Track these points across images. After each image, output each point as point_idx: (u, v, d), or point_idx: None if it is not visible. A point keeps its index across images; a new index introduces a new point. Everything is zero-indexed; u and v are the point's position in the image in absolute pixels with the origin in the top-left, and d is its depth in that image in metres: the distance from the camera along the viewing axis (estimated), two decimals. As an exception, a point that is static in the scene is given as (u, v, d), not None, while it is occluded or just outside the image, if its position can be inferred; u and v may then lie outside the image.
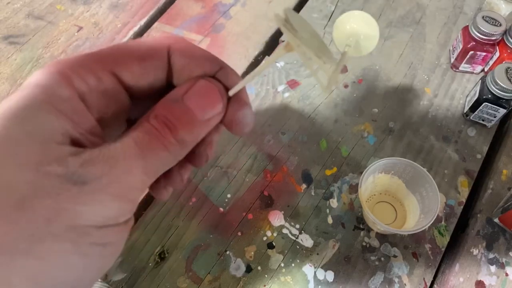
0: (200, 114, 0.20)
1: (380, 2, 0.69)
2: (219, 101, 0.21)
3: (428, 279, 0.47)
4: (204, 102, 0.20)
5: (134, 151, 0.19)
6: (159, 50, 0.21)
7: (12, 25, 0.67)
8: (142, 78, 0.21)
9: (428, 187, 0.45)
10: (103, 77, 0.20)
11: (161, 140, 0.19)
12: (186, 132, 0.20)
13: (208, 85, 0.21)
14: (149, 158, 0.19)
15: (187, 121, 0.20)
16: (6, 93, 0.60)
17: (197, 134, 0.20)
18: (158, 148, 0.19)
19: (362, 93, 0.60)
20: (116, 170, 0.18)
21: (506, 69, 0.50)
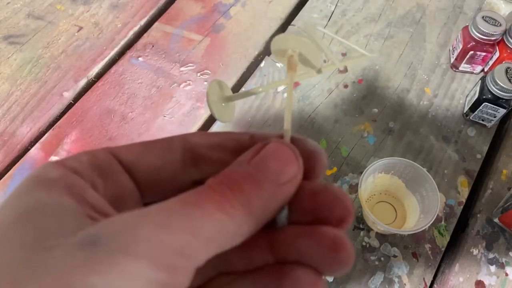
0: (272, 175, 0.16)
1: (380, 2, 0.69)
2: (293, 161, 0.17)
3: (428, 279, 0.47)
4: (276, 164, 0.17)
5: (174, 207, 0.14)
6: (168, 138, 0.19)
7: (12, 25, 0.67)
8: (142, 157, 0.18)
9: (428, 187, 0.45)
10: (97, 153, 0.17)
11: (217, 199, 0.15)
12: (253, 193, 0.16)
13: (279, 146, 0.17)
14: (197, 218, 0.14)
15: (254, 182, 0.16)
16: (6, 93, 0.60)
17: (267, 200, 0.16)
18: (212, 208, 0.15)
19: (362, 93, 0.60)
20: (143, 226, 0.13)
21: (506, 69, 0.50)
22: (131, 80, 0.61)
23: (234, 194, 0.15)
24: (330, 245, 0.16)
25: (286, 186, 0.17)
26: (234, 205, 0.15)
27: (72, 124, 0.57)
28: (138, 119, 0.58)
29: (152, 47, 0.64)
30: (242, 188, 0.16)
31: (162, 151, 0.18)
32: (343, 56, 0.63)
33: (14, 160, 0.55)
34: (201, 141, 0.19)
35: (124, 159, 0.18)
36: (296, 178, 0.17)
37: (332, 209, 0.17)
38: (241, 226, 0.15)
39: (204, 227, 0.14)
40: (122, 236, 0.13)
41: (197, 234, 0.14)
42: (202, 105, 0.59)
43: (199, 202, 0.15)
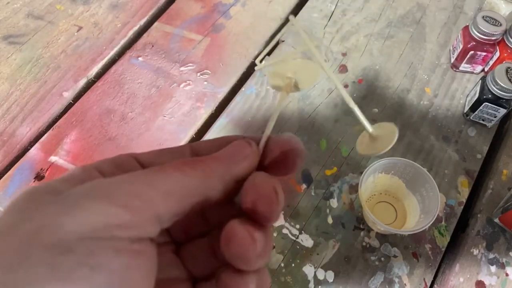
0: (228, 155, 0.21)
1: (380, 1, 0.69)
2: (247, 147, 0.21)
3: (428, 279, 0.47)
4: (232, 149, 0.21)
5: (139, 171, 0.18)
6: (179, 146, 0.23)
7: (12, 25, 0.67)
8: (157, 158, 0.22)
9: (428, 187, 0.45)
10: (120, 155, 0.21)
11: (179, 165, 0.19)
12: (211, 164, 0.20)
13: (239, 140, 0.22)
14: (156, 174, 0.18)
15: (214, 157, 0.20)
16: (6, 93, 0.60)
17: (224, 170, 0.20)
18: (172, 169, 0.18)
19: (362, 93, 0.60)
20: (109, 181, 0.17)
21: (506, 69, 0.50)
22: (131, 80, 0.61)
23: (195, 162, 0.19)
24: (223, 240, 0.18)
25: (240, 162, 0.20)
26: (192, 167, 0.19)
27: (72, 124, 0.57)
28: (138, 119, 0.58)
29: (152, 47, 0.64)
30: (203, 160, 0.20)
31: (174, 153, 0.22)
32: (343, 56, 0.63)
33: (14, 160, 0.55)
34: (203, 147, 0.23)
35: (142, 160, 0.21)
36: (248, 159, 0.21)
37: (256, 204, 0.19)
38: (199, 185, 0.19)
39: (161, 181, 0.18)
40: (89, 188, 0.16)
41: (154, 185, 0.17)
42: (202, 105, 0.59)
43: (162, 167, 0.18)
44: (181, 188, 0.18)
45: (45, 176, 0.53)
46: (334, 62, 0.62)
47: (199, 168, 0.19)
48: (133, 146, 0.56)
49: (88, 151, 0.55)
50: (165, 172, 0.18)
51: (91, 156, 0.55)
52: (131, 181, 0.17)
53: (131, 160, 0.21)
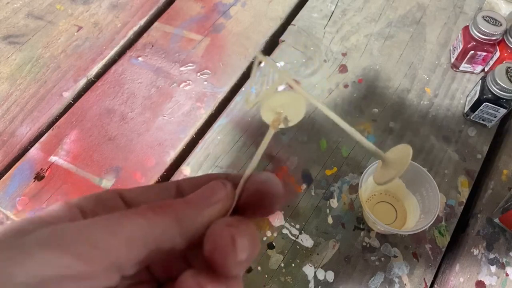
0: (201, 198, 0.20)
1: (380, 1, 0.69)
2: (221, 189, 0.21)
3: (429, 279, 0.47)
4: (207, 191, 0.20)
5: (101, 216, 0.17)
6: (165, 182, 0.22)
7: (12, 25, 0.67)
8: (142, 195, 0.21)
9: (428, 187, 0.45)
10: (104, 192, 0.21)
11: (143, 210, 0.18)
12: (180, 209, 0.19)
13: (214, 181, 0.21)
14: (118, 221, 0.17)
15: (185, 201, 0.19)
16: (6, 93, 0.60)
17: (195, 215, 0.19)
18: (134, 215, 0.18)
19: (362, 93, 0.60)
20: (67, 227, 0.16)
21: (506, 69, 0.50)
22: (131, 80, 0.61)
23: (162, 207, 0.18)
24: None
25: (213, 206, 0.20)
26: (158, 213, 0.18)
27: (72, 124, 0.57)
28: (137, 119, 0.58)
29: (152, 47, 0.64)
30: (172, 205, 0.19)
31: (158, 189, 0.22)
32: (343, 56, 0.63)
33: (14, 160, 0.55)
34: (187, 184, 0.22)
35: (126, 196, 0.21)
36: (221, 203, 0.20)
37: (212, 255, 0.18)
38: (166, 231, 0.18)
39: (123, 228, 0.17)
40: (46, 235, 0.16)
41: (115, 232, 0.17)
42: (202, 105, 0.59)
43: (125, 213, 0.18)
44: (144, 235, 0.17)
45: (45, 176, 0.53)
46: (334, 62, 0.62)
47: (166, 213, 0.18)
48: (133, 146, 0.56)
49: (88, 151, 0.55)
50: (128, 219, 0.17)
51: (91, 156, 0.55)
52: (91, 228, 0.16)
53: (114, 197, 0.21)
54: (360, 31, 0.65)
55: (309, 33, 0.65)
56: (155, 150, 0.55)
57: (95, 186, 0.53)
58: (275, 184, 0.21)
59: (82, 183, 0.53)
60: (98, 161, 0.54)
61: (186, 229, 0.19)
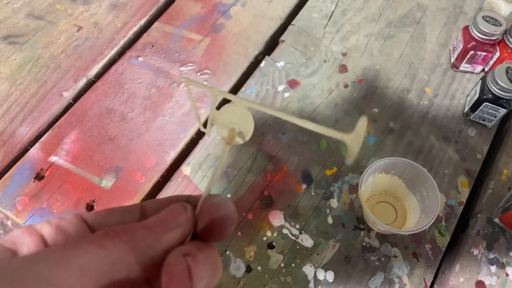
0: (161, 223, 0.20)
1: (380, 1, 0.69)
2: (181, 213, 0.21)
3: (428, 279, 0.47)
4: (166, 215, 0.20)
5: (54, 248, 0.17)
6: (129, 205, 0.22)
7: (12, 25, 0.67)
8: (105, 218, 0.21)
9: (428, 187, 0.45)
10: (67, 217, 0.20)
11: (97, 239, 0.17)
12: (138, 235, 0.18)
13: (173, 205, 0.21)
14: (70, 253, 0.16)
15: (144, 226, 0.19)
16: (6, 93, 0.60)
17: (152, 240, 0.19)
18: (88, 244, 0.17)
19: (362, 93, 0.60)
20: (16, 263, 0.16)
21: (506, 69, 0.50)
22: (131, 80, 0.61)
23: (118, 235, 0.18)
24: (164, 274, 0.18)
25: (173, 231, 0.19)
26: (114, 241, 0.17)
27: (72, 124, 0.57)
28: (137, 119, 0.58)
29: (152, 47, 0.64)
30: (129, 231, 0.18)
31: (122, 212, 0.22)
32: (343, 56, 0.63)
33: (14, 160, 0.55)
34: (151, 206, 0.22)
35: (89, 221, 0.21)
36: (183, 226, 0.20)
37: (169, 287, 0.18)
38: (122, 259, 0.17)
39: (76, 259, 0.16)
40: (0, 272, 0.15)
41: (68, 264, 0.16)
42: (202, 105, 0.59)
43: (79, 242, 0.17)
44: (99, 264, 0.17)
45: (45, 176, 0.53)
46: (334, 62, 0.62)
47: (122, 240, 0.18)
48: (133, 146, 0.56)
49: (88, 151, 0.55)
50: (82, 248, 0.17)
51: (91, 156, 0.55)
52: (43, 262, 0.16)
53: (77, 222, 0.20)
54: (360, 31, 0.65)
55: (309, 33, 0.65)
56: (155, 150, 0.55)
57: (95, 186, 0.53)
58: (228, 209, 0.21)
59: (82, 183, 0.53)
60: (98, 161, 0.54)
61: (144, 257, 0.18)
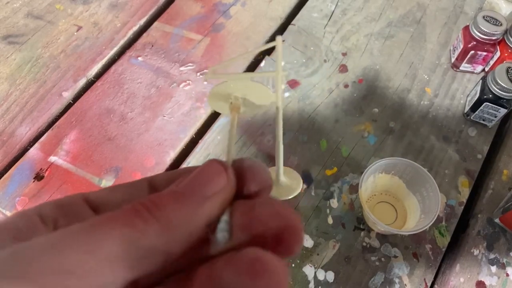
0: (195, 189, 0.16)
1: (380, 1, 0.68)
2: (220, 173, 0.17)
3: (429, 280, 0.47)
4: (201, 179, 0.16)
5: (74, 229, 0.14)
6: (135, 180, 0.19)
7: (12, 25, 0.67)
8: (109, 196, 0.18)
9: (429, 187, 0.45)
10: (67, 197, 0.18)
11: (126, 216, 0.14)
12: (172, 209, 0.15)
13: (207, 163, 0.17)
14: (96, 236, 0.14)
15: (175, 197, 0.16)
16: (5, 93, 0.60)
17: (190, 214, 0.15)
18: (117, 225, 0.14)
19: (362, 93, 0.59)
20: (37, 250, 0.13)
21: (506, 69, 0.50)
22: (131, 80, 0.61)
23: (150, 212, 0.15)
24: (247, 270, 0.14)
25: (211, 199, 0.16)
26: (146, 219, 0.14)
27: (72, 124, 0.57)
28: (137, 119, 0.58)
29: (151, 47, 0.64)
30: (160, 204, 0.15)
31: (128, 188, 0.19)
32: (343, 56, 0.63)
33: (13, 160, 0.55)
34: (161, 180, 0.19)
35: (92, 200, 0.18)
36: (224, 191, 0.16)
37: (266, 224, 0.15)
38: (158, 241, 0.15)
39: (104, 245, 0.13)
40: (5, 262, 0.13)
41: (93, 252, 0.13)
42: (202, 105, 0.59)
43: (104, 221, 0.14)
44: (132, 250, 0.14)
45: (45, 176, 0.53)
46: (334, 62, 0.62)
47: (155, 218, 0.15)
48: (133, 146, 0.55)
49: (88, 151, 0.55)
50: (107, 229, 0.14)
51: (90, 156, 0.55)
52: (61, 248, 0.13)
53: (79, 202, 0.18)
54: (360, 31, 0.65)
55: (309, 33, 0.65)
56: (155, 150, 0.55)
57: (95, 186, 0.53)
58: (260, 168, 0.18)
59: (81, 183, 0.53)
60: (98, 161, 0.54)
61: (183, 234, 0.15)
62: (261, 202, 0.17)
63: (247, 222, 0.16)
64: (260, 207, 0.16)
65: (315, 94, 0.59)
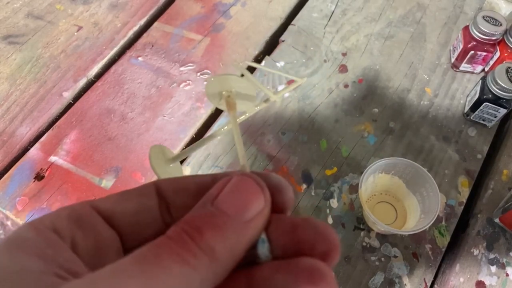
0: (235, 213, 0.15)
1: (380, 1, 0.69)
2: (259, 194, 0.16)
3: (429, 279, 0.47)
4: (240, 200, 0.16)
5: (128, 268, 0.13)
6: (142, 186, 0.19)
7: (12, 25, 0.67)
8: (119, 205, 0.18)
9: (429, 187, 0.45)
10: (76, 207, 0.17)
11: (177, 251, 0.14)
12: (216, 237, 0.15)
13: (242, 180, 0.16)
14: (155, 276, 0.13)
15: (217, 224, 0.15)
16: (6, 93, 0.60)
17: (234, 241, 0.15)
18: (172, 262, 0.14)
19: (362, 93, 0.59)
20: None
21: (506, 69, 0.50)
22: (131, 80, 0.61)
23: (196, 242, 0.14)
24: (307, 277, 0.15)
25: (253, 222, 0.16)
26: (196, 254, 0.14)
27: (72, 124, 0.57)
28: (137, 119, 0.58)
29: (151, 47, 0.64)
30: (203, 233, 0.15)
31: (137, 197, 0.18)
32: (343, 56, 0.63)
33: (14, 160, 0.55)
34: (167, 187, 0.19)
35: (102, 209, 0.18)
36: (263, 213, 0.16)
37: (314, 244, 0.16)
38: (208, 275, 0.15)
39: (163, 284, 0.13)
40: None
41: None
42: (202, 105, 0.59)
43: (156, 257, 0.14)
44: (190, 286, 0.14)
45: (45, 176, 0.53)
46: (334, 62, 0.62)
47: (204, 251, 0.14)
48: (133, 146, 0.55)
49: (88, 151, 0.55)
50: (164, 268, 0.14)
51: (91, 156, 0.55)
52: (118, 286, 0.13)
53: (89, 211, 0.17)
54: (360, 31, 0.65)
55: (309, 33, 0.65)
56: (155, 150, 0.55)
57: (95, 186, 0.53)
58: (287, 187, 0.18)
59: (82, 183, 0.53)
60: (98, 161, 0.54)
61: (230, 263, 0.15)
62: (303, 221, 0.17)
63: (290, 242, 0.16)
64: (304, 227, 0.16)
65: (315, 94, 0.59)
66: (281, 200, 0.17)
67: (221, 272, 0.15)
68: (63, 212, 0.17)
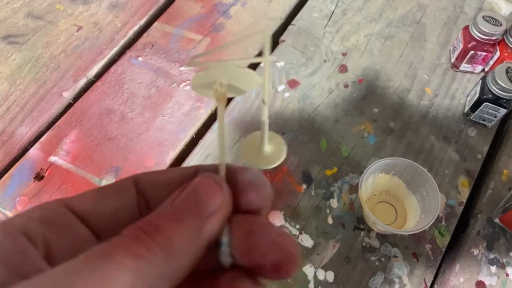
0: (193, 210, 0.16)
1: (380, 1, 0.69)
2: (216, 192, 0.16)
3: (429, 279, 0.47)
4: (197, 199, 0.16)
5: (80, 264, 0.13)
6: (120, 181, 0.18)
7: (12, 25, 0.67)
8: (96, 204, 0.18)
9: (429, 187, 0.45)
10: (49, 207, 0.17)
11: (130, 245, 0.14)
12: (173, 232, 0.15)
13: (201, 181, 0.17)
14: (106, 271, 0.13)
15: (175, 220, 0.15)
16: (6, 93, 0.60)
17: (191, 237, 0.15)
18: (124, 256, 0.14)
19: (362, 93, 0.59)
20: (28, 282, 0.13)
21: (506, 69, 0.50)
22: (131, 80, 0.61)
23: (152, 238, 0.14)
24: None
25: (211, 220, 0.16)
26: (150, 248, 0.14)
27: (72, 124, 0.57)
28: (137, 119, 0.58)
29: (151, 47, 0.64)
30: (161, 229, 0.15)
31: (115, 195, 0.18)
32: (343, 56, 0.63)
33: (14, 160, 0.55)
34: (147, 181, 0.19)
35: (77, 209, 0.17)
36: (222, 210, 0.16)
37: (265, 254, 0.16)
38: (165, 270, 0.14)
39: (115, 279, 0.13)
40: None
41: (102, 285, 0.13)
42: (202, 105, 0.59)
43: (109, 253, 0.14)
44: (139, 282, 0.14)
45: (45, 176, 0.53)
46: (334, 62, 0.62)
47: (159, 245, 0.14)
48: (133, 146, 0.55)
49: (88, 151, 0.55)
50: (115, 262, 0.13)
51: (90, 156, 0.55)
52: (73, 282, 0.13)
53: (63, 211, 0.17)
54: (360, 31, 0.65)
55: (309, 33, 0.65)
56: (155, 150, 0.55)
57: (95, 186, 0.53)
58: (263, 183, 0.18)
59: (81, 183, 0.53)
60: (98, 161, 0.54)
61: (187, 258, 0.15)
62: (260, 228, 0.17)
63: (246, 248, 0.16)
64: (259, 234, 0.16)
65: (315, 94, 0.59)
66: (254, 198, 0.17)
67: (180, 268, 0.15)
68: (34, 213, 0.16)
